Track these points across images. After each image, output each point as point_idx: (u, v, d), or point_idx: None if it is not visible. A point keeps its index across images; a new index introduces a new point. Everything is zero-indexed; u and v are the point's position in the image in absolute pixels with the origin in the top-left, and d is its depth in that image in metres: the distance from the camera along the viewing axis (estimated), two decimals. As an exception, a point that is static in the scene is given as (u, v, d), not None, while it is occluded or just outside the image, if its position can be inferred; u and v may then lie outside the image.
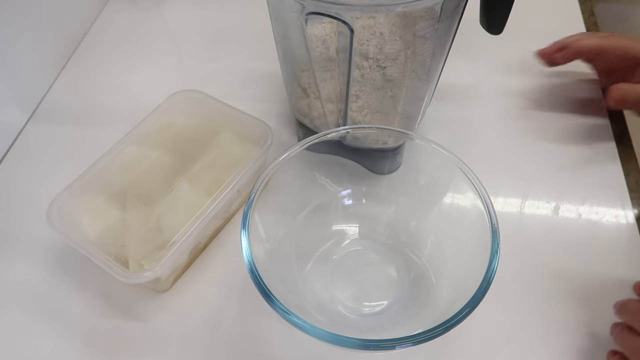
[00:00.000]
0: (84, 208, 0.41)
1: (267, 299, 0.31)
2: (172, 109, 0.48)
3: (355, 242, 0.43)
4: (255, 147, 0.44)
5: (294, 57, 0.42)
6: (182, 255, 0.41)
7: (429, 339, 0.29)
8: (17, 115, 0.54)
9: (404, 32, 0.37)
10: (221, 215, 0.44)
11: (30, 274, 0.43)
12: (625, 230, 0.44)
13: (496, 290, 0.31)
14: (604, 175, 0.48)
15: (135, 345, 0.39)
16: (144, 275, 0.36)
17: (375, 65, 0.39)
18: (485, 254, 0.32)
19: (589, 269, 0.42)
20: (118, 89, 0.58)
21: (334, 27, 0.38)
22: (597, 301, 0.40)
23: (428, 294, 0.37)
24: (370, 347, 0.29)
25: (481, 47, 0.58)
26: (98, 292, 0.42)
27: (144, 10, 0.68)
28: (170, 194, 0.43)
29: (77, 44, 0.63)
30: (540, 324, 0.39)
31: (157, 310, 0.41)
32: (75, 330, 0.40)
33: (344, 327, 0.37)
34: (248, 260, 0.32)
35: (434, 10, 0.35)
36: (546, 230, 0.45)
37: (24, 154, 0.53)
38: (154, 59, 0.62)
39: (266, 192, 0.36)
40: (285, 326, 0.30)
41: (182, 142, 0.46)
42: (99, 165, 0.43)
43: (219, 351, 0.39)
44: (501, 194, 0.46)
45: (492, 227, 0.33)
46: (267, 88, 0.57)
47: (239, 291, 0.42)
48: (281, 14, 0.39)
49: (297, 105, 0.46)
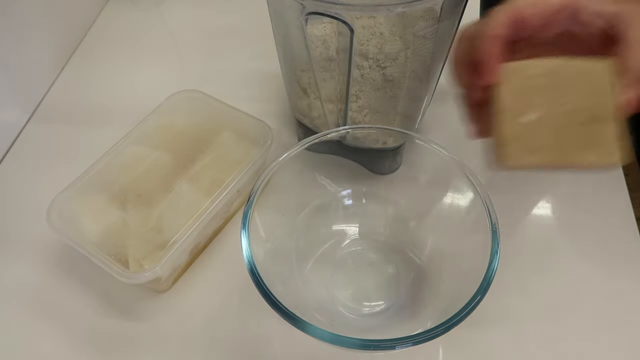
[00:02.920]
0: (84, 208, 0.41)
1: (267, 299, 0.31)
2: (172, 109, 0.48)
3: (355, 242, 0.43)
4: (255, 147, 0.44)
5: (294, 57, 0.42)
6: (182, 255, 0.41)
7: (429, 339, 0.29)
8: (17, 115, 0.54)
9: (404, 32, 0.37)
10: (221, 215, 0.44)
11: (30, 274, 0.43)
12: (625, 230, 0.44)
13: (496, 290, 0.31)
14: (604, 174, 0.48)
15: (135, 345, 0.39)
16: (144, 275, 0.36)
17: (375, 65, 0.39)
18: (485, 254, 0.32)
19: (589, 268, 0.42)
20: (118, 89, 0.58)
21: (334, 27, 0.38)
22: (597, 301, 0.40)
23: (428, 294, 0.37)
24: (370, 347, 0.29)
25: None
26: (98, 292, 0.42)
27: (144, 10, 0.68)
28: (170, 194, 0.43)
29: (77, 44, 0.63)
30: (540, 324, 0.39)
31: (157, 310, 0.41)
32: (75, 330, 0.40)
33: (344, 327, 0.37)
34: (248, 260, 0.32)
35: (434, 10, 0.35)
36: (545, 229, 0.45)
37: (24, 154, 0.53)
38: (154, 58, 0.62)
39: (266, 192, 0.36)
40: (285, 326, 0.30)
41: (182, 142, 0.46)
42: (99, 165, 0.43)
43: (219, 351, 0.39)
44: (501, 194, 0.46)
45: (492, 227, 0.33)
46: (267, 88, 0.57)
47: (239, 291, 0.42)
48: (281, 14, 0.39)
49: (297, 105, 0.46)
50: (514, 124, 0.27)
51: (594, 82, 0.27)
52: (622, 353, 0.38)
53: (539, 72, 0.27)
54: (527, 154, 0.26)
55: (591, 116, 0.26)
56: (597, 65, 0.27)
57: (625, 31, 0.28)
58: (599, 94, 0.26)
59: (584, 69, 0.27)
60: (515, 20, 0.29)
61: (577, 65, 0.27)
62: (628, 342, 0.38)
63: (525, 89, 0.27)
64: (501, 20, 0.29)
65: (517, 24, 0.29)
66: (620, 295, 0.40)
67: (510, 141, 0.26)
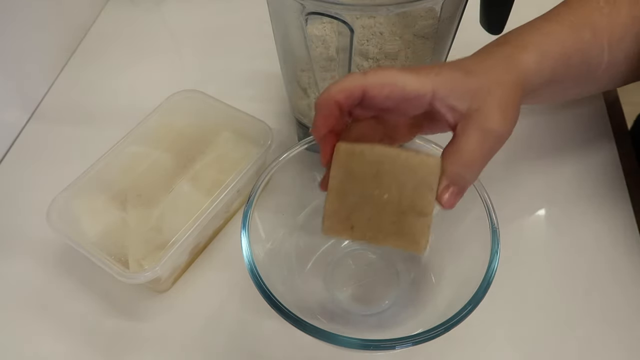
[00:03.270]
0: (84, 208, 0.41)
1: (267, 299, 0.31)
2: (172, 109, 0.48)
3: (356, 242, 0.43)
4: (255, 147, 0.44)
5: (294, 57, 0.42)
6: (182, 255, 0.41)
7: (429, 339, 0.29)
8: (17, 115, 0.54)
9: (404, 32, 0.37)
10: (221, 215, 0.44)
11: (30, 274, 0.43)
12: (625, 231, 0.44)
13: (496, 290, 0.31)
14: (604, 174, 0.48)
15: (135, 345, 0.39)
16: (144, 275, 0.36)
17: (375, 65, 0.39)
18: (485, 254, 0.32)
19: (589, 268, 0.42)
20: (118, 89, 0.58)
21: (334, 27, 0.38)
22: (597, 301, 0.40)
23: (428, 294, 0.37)
24: (370, 347, 0.29)
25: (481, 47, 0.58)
26: (98, 292, 0.42)
27: (144, 10, 0.68)
28: (170, 194, 0.43)
29: (77, 44, 0.63)
30: (540, 324, 0.39)
31: (157, 310, 0.41)
32: (75, 330, 0.40)
33: (344, 327, 0.37)
34: (248, 260, 0.32)
35: (434, 10, 0.35)
36: (545, 229, 0.45)
37: (24, 154, 0.53)
38: (154, 59, 0.62)
39: (266, 192, 0.36)
40: (285, 326, 0.30)
41: (182, 142, 0.46)
42: (99, 166, 0.43)
43: (219, 351, 0.39)
44: (501, 194, 0.46)
45: (492, 227, 0.33)
46: (267, 88, 0.57)
47: (239, 291, 0.42)
48: (281, 14, 0.39)
49: (297, 105, 0.46)
50: (337, 202, 0.29)
51: (418, 177, 0.28)
52: (623, 352, 0.38)
53: (369, 160, 0.29)
54: (343, 229, 0.29)
55: (408, 207, 0.29)
56: (425, 161, 0.28)
57: (461, 133, 0.29)
58: (420, 189, 0.28)
59: (413, 164, 0.28)
60: (357, 96, 0.28)
61: (407, 158, 0.28)
62: (629, 342, 0.38)
63: (352, 174, 0.29)
64: (345, 88, 0.28)
65: (361, 99, 0.29)
66: (620, 296, 0.40)
67: (331, 215, 0.29)
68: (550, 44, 0.33)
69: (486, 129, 0.28)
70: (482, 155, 0.29)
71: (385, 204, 0.29)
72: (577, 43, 0.35)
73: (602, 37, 0.36)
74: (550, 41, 0.34)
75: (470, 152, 0.28)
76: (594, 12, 0.36)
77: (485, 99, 0.29)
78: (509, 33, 0.35)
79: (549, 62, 0.33)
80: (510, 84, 0.30)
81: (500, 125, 0.29)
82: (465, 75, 0.29)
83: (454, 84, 0.29)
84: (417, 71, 0.29)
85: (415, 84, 0.28)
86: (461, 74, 0.29)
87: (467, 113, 0.29)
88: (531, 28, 0.35)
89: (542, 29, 0.34)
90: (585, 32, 0.35)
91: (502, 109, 0.29)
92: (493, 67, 0.31)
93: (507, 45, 0.33)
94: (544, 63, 0.33)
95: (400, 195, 0.29)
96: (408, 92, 0.28)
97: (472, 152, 0.28)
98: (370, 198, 0.29)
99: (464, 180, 0.29)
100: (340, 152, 0.29)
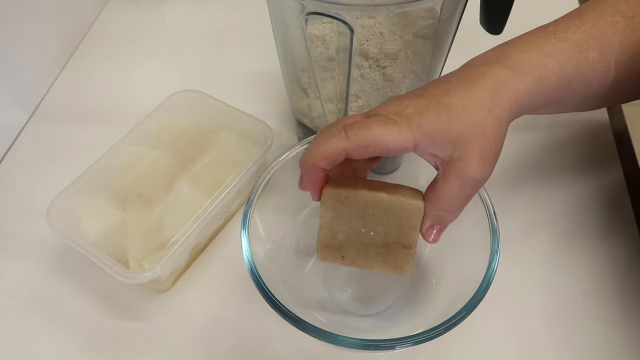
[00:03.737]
0: (84, 208, 0.41)
1: (267, 299, 0.31)
2: (172, 109, 0.48)
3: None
4: (255, 147, 0.44)
5: (294, 57, 0.42)
6: (182, 255, 0.41)
7: (429, 339, 0.29)
8: (17, 115, 0.54)
9: (404, 32, 0.37)
10: (221, 215, 0.44)
11: (30, 274, 0.43)
12: (625, 231, 0.44)
13: (496, 290, 0.31)
14: (604, 174, 0.48)
15: (135, 345, 0.39)
16: (144, 275, 0.36)
17: (375, 65, 0.39)
18: (485, 254, 0.32)
19: (589, 268, 0.42)
20: (118, 89, 0.58)
21: (334, 27, 0.38)
22: (597, 301, 0.40)
23: (428, 294, 0.37)
24: (370, 347, 0.29)
25: (481, 47, 0.58)
26: (98, 292, 0.42)
27: (144, 10, 0.68)
28: (170, 194, 0.43)
29: (77, 44, 0.63)
30: (540, 324, 0.39)
31: (157, 310, 0.41)
32: (75, 330, 0.40)
33: (344, 327, 0.37)
34: (248, 260, 0.32)
35: (434, 10, 0.35)
36: (545, 230, 0.45)
37: (24, 154, 0.53)
38: (154, 59, 0.62)
39: (266, 192, 0.36)
40: (285, 326, 0.30)
41: (182, 142, 0.46)
42: (99, 166, 0.43)
43: (219, 351, 0.39)
44: (501, 194, 0.46)
45: (492, 227, 0.33)
46: (267, 88, 0.57)
47: (239, 291, 0.42)
48: (281, 14, 0.39)
49: (297, 105, 0.46)
50: (328, 238, 0.33)
51: (402, 218, 0.31)
52: (623, 352, 0.38)
53: (354, 203, 0.31)
54: (335, 258, 0.33)
55: (393, 242, 0.32)
56: (407, 205, 0.31)
57: (442, 180, 0.30)
58: (404, 228, 0.31)
59: (395, 208, 0.31)
60: (340, 159, 0.30)
61: (390, 203, 0.31)
62: (629, 342, 0.38)
63: (340, 216, 0.32)
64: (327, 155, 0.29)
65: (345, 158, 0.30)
66: (620, 296, 0.40)
67: (323, 247, 0.33)
68: (551, 69, 0.32)
69: (467, 177, 0.29)
70: (463, 200, 0.30)
71: (372, 239, 0.32)
72: (581, 65, 0.32)
73: (610, 55, 0.33)
74: (552, 65, 0.32)
75: (452, 200, 0.30)
76: (607, 28, 0.33)
77: (465, 149, 0.29)
78: (508, 44, 0.33)
79: (545, 89, 0.32)
80: (495, 127, 0.30)
81: (481, 172, 0.30)
82: (448, 122, 0.29)
83: (435, 136, 0.29)
84: (399, 123, 0.29)
85: (398, 140, 0.29)
86: (444, 121, 0.29)
87: (448, 161, 0.30)
88: (533, 45, 0.32)
89: (545, 47, 0.32)
90: (592, 52, 0.33)
91: (482, 158, 0.29)
92: (479, 104, 0.30)
93: (501, 67, 0.31)
94: (539, 89, 0.31)
95: (386, 233, 0.32)
96: (391, 149, 0.29)
97: (454, 199, 0.30)
98: (357, 235, 0.32)
99: (446, 221, 0.31)
100: (327, 197, 0.32)
